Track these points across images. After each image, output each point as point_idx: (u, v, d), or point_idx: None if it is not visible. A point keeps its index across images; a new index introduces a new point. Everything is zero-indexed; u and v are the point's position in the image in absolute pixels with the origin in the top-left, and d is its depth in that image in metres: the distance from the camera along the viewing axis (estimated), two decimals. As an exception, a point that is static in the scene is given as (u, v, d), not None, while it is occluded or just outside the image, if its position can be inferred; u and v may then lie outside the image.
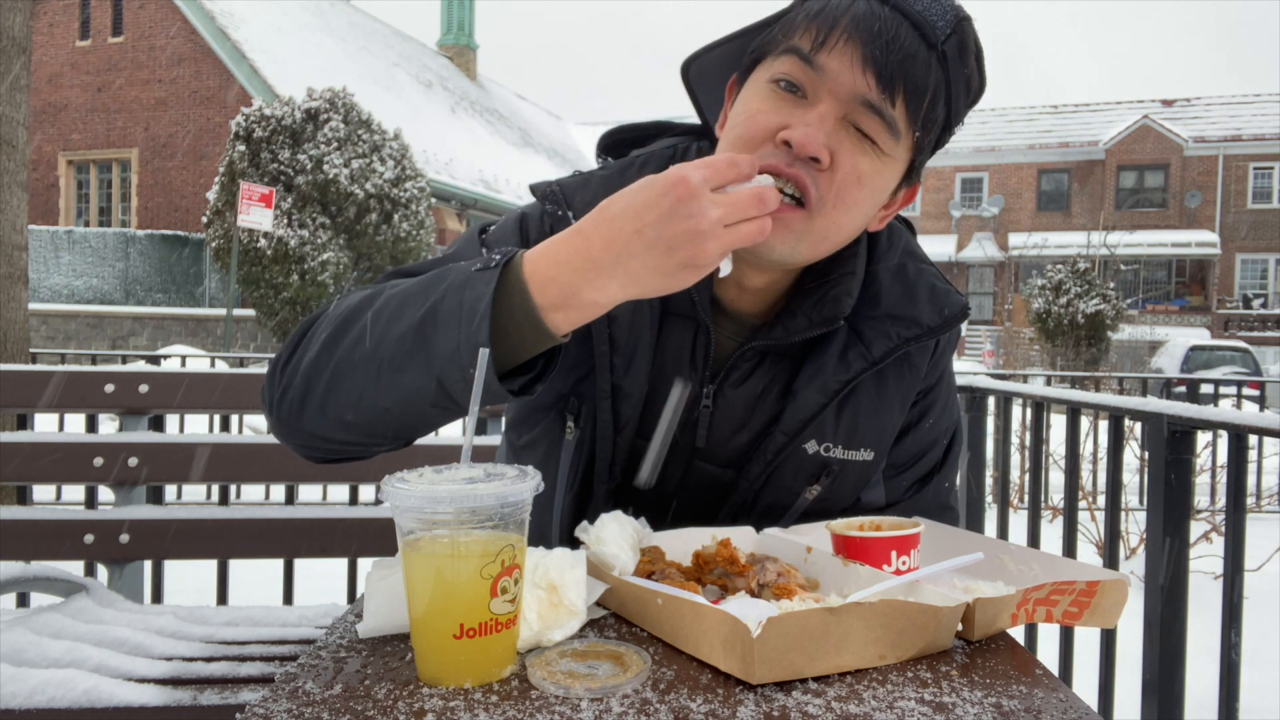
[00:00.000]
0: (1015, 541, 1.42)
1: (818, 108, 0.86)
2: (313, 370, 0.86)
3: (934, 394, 1.09)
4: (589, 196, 0.98)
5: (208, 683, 1.47)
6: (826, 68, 0.86)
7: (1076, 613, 0.82)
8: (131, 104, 17.73)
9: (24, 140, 4.02)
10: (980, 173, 33.19)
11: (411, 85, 23.34)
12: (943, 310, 1.02)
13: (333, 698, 0.66)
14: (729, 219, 0.75)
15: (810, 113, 0.86)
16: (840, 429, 1.02)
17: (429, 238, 13.75)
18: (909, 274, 1.03)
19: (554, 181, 1.02)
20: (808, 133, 0.85)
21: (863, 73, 0.85)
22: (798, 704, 0.65)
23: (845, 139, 0.87)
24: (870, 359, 1.00)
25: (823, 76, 0.86)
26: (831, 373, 1.00)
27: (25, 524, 1.85)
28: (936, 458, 1.12)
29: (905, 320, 1.01)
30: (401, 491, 0.68)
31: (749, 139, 0.88)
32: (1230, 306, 29.95)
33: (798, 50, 0.87)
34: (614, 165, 1.05)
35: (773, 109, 0.88)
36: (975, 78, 0.92)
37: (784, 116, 0.87)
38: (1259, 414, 1.94)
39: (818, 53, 0.86)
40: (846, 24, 0.85)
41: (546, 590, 0.78)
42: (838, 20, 0.86)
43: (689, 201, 0.74)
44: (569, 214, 0.98)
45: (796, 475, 1.03)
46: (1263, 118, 30.86)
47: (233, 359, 7.76)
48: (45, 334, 12.81)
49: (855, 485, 1.05)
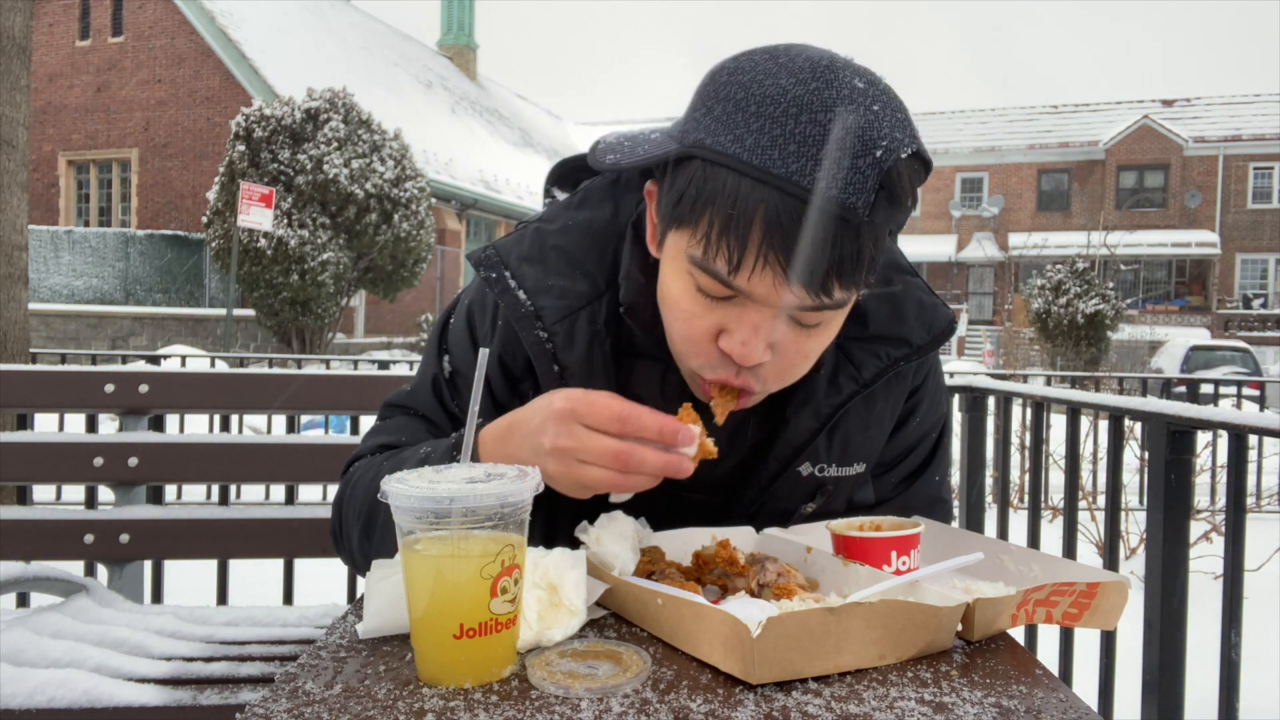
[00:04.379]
0: (1015, 541, 1.42)
1: (749, 314, 0.82)
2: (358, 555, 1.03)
3: (921, 392, 1.09)
4: (524, 252, 0.99)
5: (208, 683, 1.47)
6: (751, 291, 0.80)
7: (1076, 614, 0.82)
8: (131, 104, 17.72)
9: (24, 140, 4.02)
10: (980, 173, 33.20)
11: (411, 85, 23.35)
12: (930, 327, 1.02)
13: (333, 698, 0.66)
14: (580, 455, 0.80)
15: (744, 320, 0.82)
16: (833, 449, 1.01)
17: (429, 238, 13.75)
18: (895, 290, 1.02)
19: (490, 245, 1.02)
20: (745, 350, 0.83)
21: (789, 288, 0.79)
22: (798, 704, 0.65)
23: (786, 330, 0.84)
24: (861, 381, 0.99)
25: (750, 295, 0.81)
26: (823, 397, 0.99)
27: (25, 524, 1.85)
28: (925, 452, 1.12)
29: (894, 340, 1.00)
30: (401, 491, 0.68)
31: (691, 342, 0.86)
32: (1230, 306, 29.94)
33: (716, 275, 0.80)
34: (552, 210, 1.05)
35: (704, 311, 0.84)
36: (913, 190, 0.82)
37: (718, 319, 0.84)
38: (1259, 414, 1.94)
39: (735, 276, 0.79)
40: (759, 241, 0.77)
41: (546, 590, 0.78)
42: (748, 237, 0.77)
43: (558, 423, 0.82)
44: (505, 274, 0.98)
45: (792, 496, 1.03)
46: (1263, 118, 30.85)
47: (233, 359, 7.77)
48: (45, 334, 12.80)
49: (849, 495, 1.06)
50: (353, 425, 2.80)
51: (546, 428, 0.82)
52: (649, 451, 0.79)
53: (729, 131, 0.78)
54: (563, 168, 1.12)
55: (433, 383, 1.06)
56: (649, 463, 0.79)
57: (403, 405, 1.09)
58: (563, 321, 0.96)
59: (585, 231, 1.00)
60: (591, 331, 0.96)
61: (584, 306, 0.97)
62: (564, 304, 0.96)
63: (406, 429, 1.06)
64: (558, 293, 0.96)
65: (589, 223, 1.01)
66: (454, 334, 1.06)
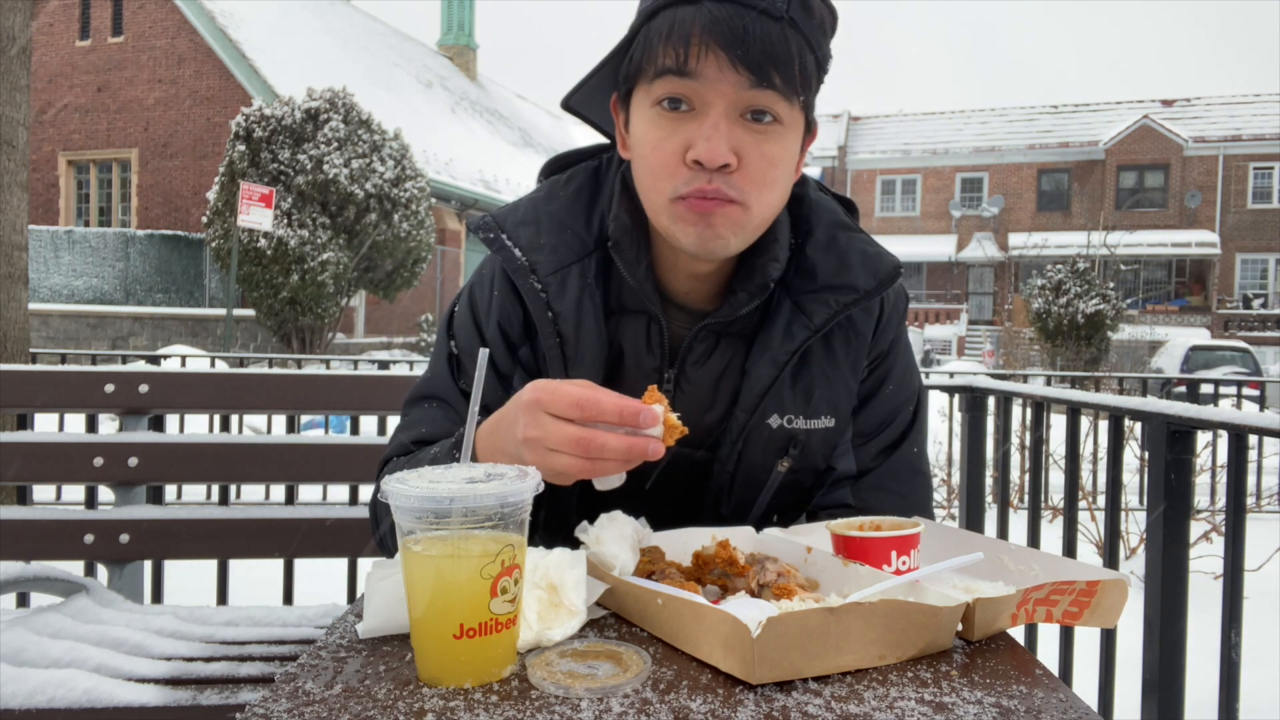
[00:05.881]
0: (1015, 541, 1.42)
1: (709, 117, 0.92)
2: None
3: (889, 360, 1.15)
4: (519, 217, 1.09)
5: (208, 683, 1.47)
6: (701, 75, 0.91)
7: (1076, 613, 0.82)
8: (131, 104, 17.71)
9: (24, 140, 4.02)
10: (980, 173, 33.19)
11: (411, 85, 23.34)
12: (876, 274, 1.09)
13: (333, 698, 0.66)
14: (547, 444, 0.83)
15: (704, 124, 0.92)
16: (797, 400, 1.08)
17: (429, 238, 13.75)
18: (839, 244, 1.10)
19: (488, 214, 1.12)
20: (710, 146, 0.91)
21: (733, 70, 0.90)
22: (798, 704, 0.65)
23: (744, 134, 0.93)
24: (812, 327, 1.07)
25: (701, 84, 0.91)
26: (779, 345, 1.06)
27: (25, 524, 1.85)
28: (904, 424, 1.17)
29: (842, 289, 1.08)
30: (401, 491, 0.68)
31: (662, 168, 0.95)
32: (1230, 306, 29.94)
33: (668, 70, 0.92)
34: (544, 186, 1.15)
35: (670, 133, 0.94)
36: (827, 17, 0.96)
37: (684, 136, 0.93)
38: (1259, 414, 1.94)
39: (685, 65, 0.91)
40: (699, 34, 0.90)
41: (546, 590, 0.78)
42: (690, 33, 0.90)
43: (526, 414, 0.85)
44: (502, 235, 1.08)
45: (766, 450, 1.08)
46: (1263, 118, 30.85)
47: (233, 359, 7.76)
48: (45, 334, 12.79)
49: (823, 453, 1.11)
50: (353, 425, 2.80)
51: (518, 419, 0.86)
52: (610, 436, 0.82)
53: None
54: (555, 161, 1.20)
55: (447, 362, 1.14)
56: (610, 447, 0.82)
57: (421, 397, 1.15)
58: (555, 274, 1.05)
59: (574, 200, 1.11)
60: (582, 284, 1.05)
61: (575, 262, 1.06)
62: (556, 259, 1.06)
63: (426, 420, 1.12)
64: (550, 249, 1.06)
65: (577, 193, 1.11)
66: (459, 318, 1.15)
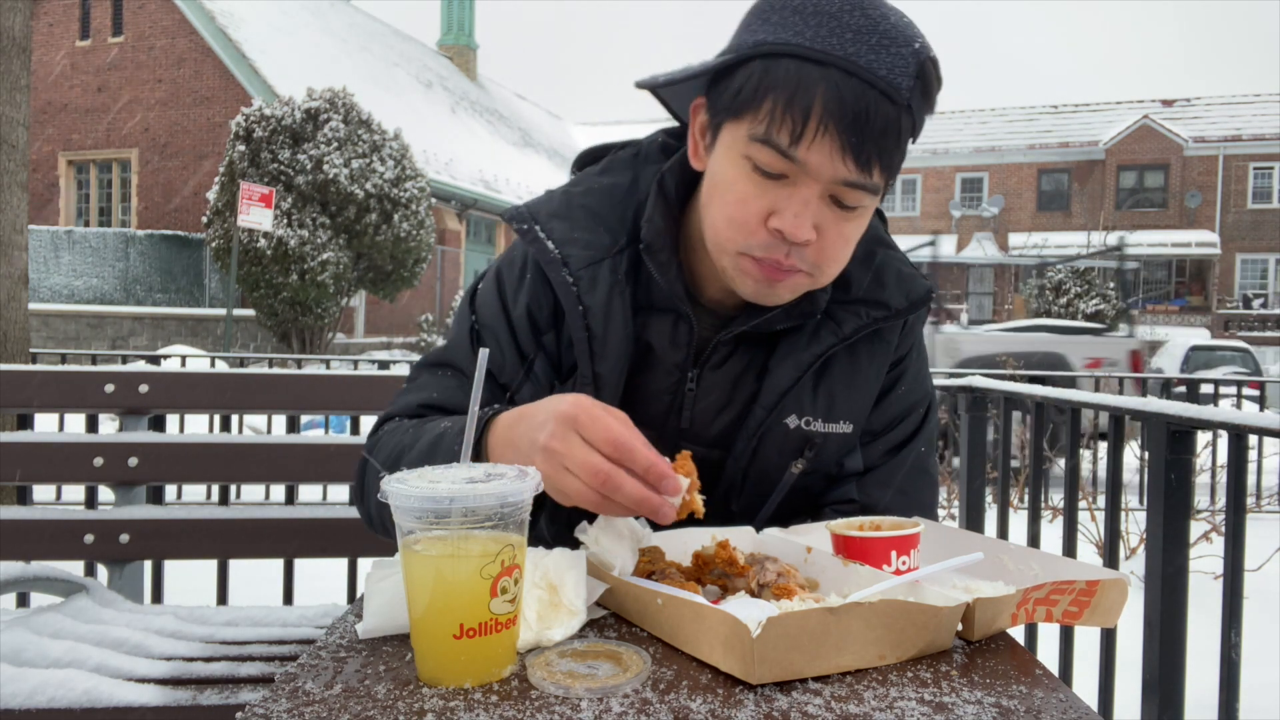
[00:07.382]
0: (1015, 541, 1.42)
1: (800, 191, 0.91)
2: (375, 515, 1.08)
3: (906, 363, 1.16)
4: (553, 209, 1.09)
5: (208, 683, 1.47)
6: (807, 162, 0.89)
7: (1076, 612, 0.82)
8: (131, 104, 17.70)
9: (24, 140, 4.02)
10: (980, 173, 33.16)
11: (411, 85, 23.33)
12: (909, 294, 1.11)
13: (333, 698, 0.66)
14: (567, 463, 0.81)
15: (794, 197, 0.92)
16: (818, 403, 1.08)
17: (429, 238, 13.74)
18: (877, 260, 1.11)
19: (522, 205, 1.12)
20: (796, 223, 0.91)
21: (842, 160, 0.89)
22: (798, 704, 0.65)
23: (828, 213, 0.93)
24: (841, 335, 1.07)
25: (804, 167, 0.90)
26: (805, 348, 1.07)
27: (25, 524, 1.85)
28: (914, 425, 1.18)
29: (874, 304, 1.09)
30: (401, 491, 0.68)
31: (742, 224, 0.94)
32: (1230, 306, 29.93)
33: (776, 145, 0.90)
34: (578, 177, 1.15)
35: (757, 193, 0.93)
36: (935, 92, 0.95)
37: (771, 200, 0.93)
38: (1259, 414, 1.94)
39: (795, 147, 0.89)
40: (820, 113, 0.87)
41: (546, 590, 0.78)
42: (810, 109, 0.87)
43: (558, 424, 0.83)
44: (536, 227, 1.07)
45: (781, 450, 1.08)
46: (1263, 118, 30.83)
47: (233, 359, 7.77)
48: (45, 334, 12.78)
49: (837, 456, 1.11)
50: (353, 425, 2.80)
51: (547, 425, 0.84)
52: (629, 481, 0.80)
53: (789, 29, 0.89)
54: (589, 153, 1.21)
55: (469, 333, 1.13)
56: (625, 492, 0.80)
57: (436, 363, 1.14)
58: (587, 269, 1.05)
59: (608, 194, 1.10)
60: (613, 280, 1.05)
61: (606, 258, 1.06)
62: (588, 254, 1.06)
63: (439, 386, 1.11)
64: (583, 244, 1.06)
65: (612, 187, 1.11)
66: (483, 294, 1.14)
